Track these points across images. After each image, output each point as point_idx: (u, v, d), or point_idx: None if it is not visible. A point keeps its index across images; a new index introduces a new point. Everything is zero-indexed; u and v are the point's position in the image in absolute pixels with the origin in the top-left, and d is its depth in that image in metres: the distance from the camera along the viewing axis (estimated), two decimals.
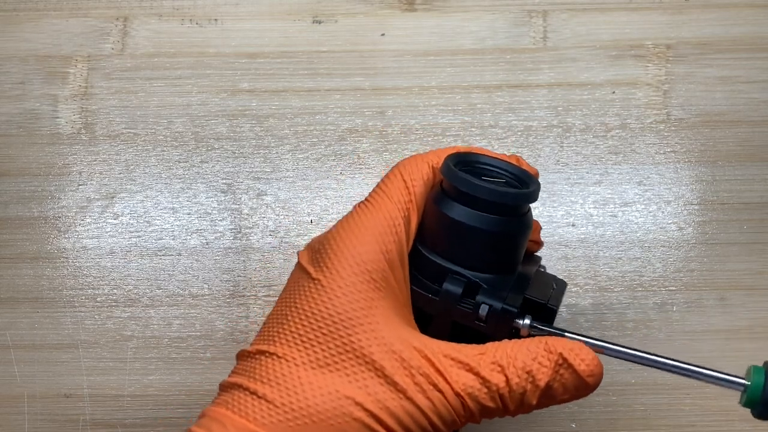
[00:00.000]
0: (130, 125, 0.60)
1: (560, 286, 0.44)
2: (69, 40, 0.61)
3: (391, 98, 0.60)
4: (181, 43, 0.61)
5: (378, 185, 0.43)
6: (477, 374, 0.39)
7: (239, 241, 0.57)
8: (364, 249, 0.40)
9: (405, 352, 0.39)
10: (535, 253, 0.47)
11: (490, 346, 0.40)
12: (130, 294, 0.57)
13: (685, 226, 0.57)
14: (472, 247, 0.41)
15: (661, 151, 0.58)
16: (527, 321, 0.41)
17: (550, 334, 0.41)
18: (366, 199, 0.43)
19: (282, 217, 0.58)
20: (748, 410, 0.39)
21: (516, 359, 0.39)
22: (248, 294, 0.56)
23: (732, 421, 0.54)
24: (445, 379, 0.39)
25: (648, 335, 0.55)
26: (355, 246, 0.40)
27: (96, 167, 0.59)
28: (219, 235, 0.57)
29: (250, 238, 0.57)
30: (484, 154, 0.44)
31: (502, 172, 0.43)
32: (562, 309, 0.55)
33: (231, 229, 0.58)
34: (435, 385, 0.38)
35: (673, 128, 0.59)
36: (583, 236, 0.57)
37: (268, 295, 0.56)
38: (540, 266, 0.46)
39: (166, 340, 0.56)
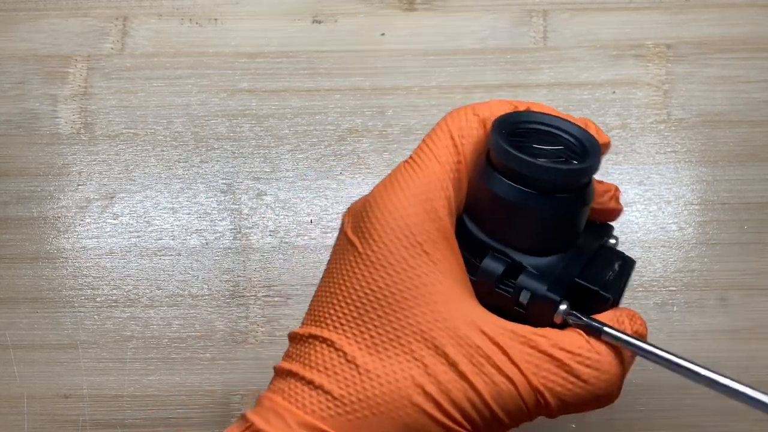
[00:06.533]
0: (130, 125, 0.59)
1: (626, 266, 0.39)
2: (68, 40, 0.61)
3: (391, 98, 0.59)
4: (181, 42, 0.61)
5: (423, 142, 0.38)
6: (553, 358, 0.35)
7: (239, 241, 0.57)
8: (411, 219, 0.36)
9: (472, 337, 0.35)
10: (608, 223, 0.41)
11: (551, 332, 0.36)
12: (130, 294, 0.56)
13: (686, 226, 0.57)
14: (518, 226, 0.36)
15: (662, 151, 0.58)
16: (563, 307, 0.36)
17: (587, 326, 0.36)
18: (411, 158, 0.38)
19: (282, 217, 0.58)
20: (746, 410, 0.34)
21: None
22: (248, 294, 0.56)
23: (733, 422, 0.54)
24: (520, 370, 0.35)
25: (648, 335, 0.55)
26: (402, 215, 0.36)
27: (95, 167, 0.59)
28: (219, 235, 0.57)
29: (250, 238, 0.57)
30: (540, 113, 0.38)
31: (561, 135, 0.37)
32: None
33: (231, 229, 0.57)
34: (508, 377, 0.35)
35: (673, 128, 0.59)
36: None
37: (268, 296, 0.56)
38: (610, 238, 0.40)
39: (166, 340, 0.56)
